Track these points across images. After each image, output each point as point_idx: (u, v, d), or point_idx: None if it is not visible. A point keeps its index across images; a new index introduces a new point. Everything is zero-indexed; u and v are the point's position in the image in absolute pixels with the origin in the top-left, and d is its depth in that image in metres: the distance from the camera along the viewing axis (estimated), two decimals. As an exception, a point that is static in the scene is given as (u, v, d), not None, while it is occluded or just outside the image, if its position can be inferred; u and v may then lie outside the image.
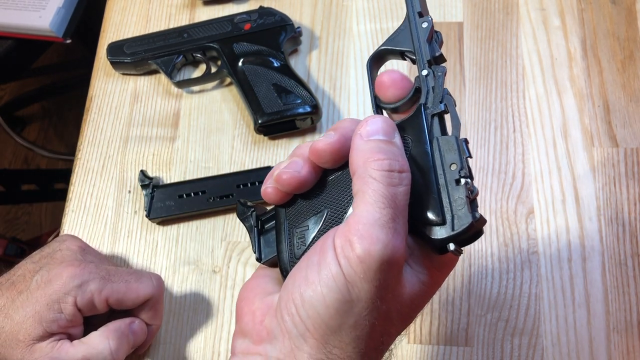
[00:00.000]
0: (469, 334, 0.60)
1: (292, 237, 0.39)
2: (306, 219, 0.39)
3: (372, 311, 0.34)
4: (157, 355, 0.62)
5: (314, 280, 0.34)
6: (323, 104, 0.72)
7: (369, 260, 0.32)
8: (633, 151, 0.66)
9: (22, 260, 0.57)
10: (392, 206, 0.34)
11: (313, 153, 0.38)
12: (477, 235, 0.35)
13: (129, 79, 0.76)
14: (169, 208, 0.66)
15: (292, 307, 0.34)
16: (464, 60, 0.73)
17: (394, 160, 0.35)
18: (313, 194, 0.39)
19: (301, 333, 0.34)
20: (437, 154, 0.36)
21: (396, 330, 0.37)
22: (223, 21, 0.74)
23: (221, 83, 0.74)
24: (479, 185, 0.66)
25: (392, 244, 0.33)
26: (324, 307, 0.33)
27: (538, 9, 0.74)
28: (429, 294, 0.37)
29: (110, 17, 0.79)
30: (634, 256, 0.62)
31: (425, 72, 0.38)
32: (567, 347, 0.59)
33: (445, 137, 0.36)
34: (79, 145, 0.72)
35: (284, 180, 0.38)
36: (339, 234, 0.34)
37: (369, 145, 0.36)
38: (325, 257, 0.34)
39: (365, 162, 0.35)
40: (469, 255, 0.63)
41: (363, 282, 0.33)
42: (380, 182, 0.34)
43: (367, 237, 0.33)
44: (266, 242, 0.42)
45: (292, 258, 0.39)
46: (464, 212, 0.34)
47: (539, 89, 0.70)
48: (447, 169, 0.35)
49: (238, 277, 0.64)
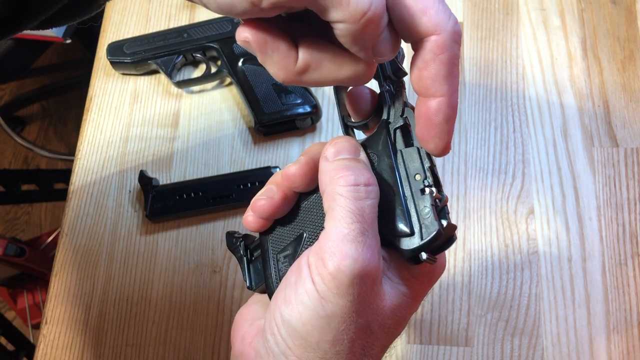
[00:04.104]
0: (469, 334, 0.60)
1: (277, 262, 0.40)
2: (288, 242, 0.40)
3: (350, 325, 0.34)
4: (157, 355, 0.62)
5: (291, 299, 0.34)
6: (323, 104, 0.72)
7: (340, 275, 0.33)
8: (633, 151, 0.66)
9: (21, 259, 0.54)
10: (360, 220, 0.34)
11: (285, 178, 0.39)
12: (449, 242, 0.36)
13: (129, 79, 0.76)
14: (169, 208, 0.66)
15: (274, 327, 0.35)
16: (464, 60, 0.73)
17: (359, 174, 0.35)
18: (292, 219, 0.40)
19: (282, 351, 0.35)
20: (401, 167, 0.37)
21: (381, 343, 0.37)
22: (223, 21, 0.74)
23: (221, 83, 0.74)
24: (479, 185, 0.66)
25: (362, 258, 0.33)
26: (301, 325, 0.34)
27: (538, 9, 0.74)
28: (412, 306, 0.38)
29: (110, 17, 0.79)
30: (634, 256, 0.62)
31: (385, 87, 0.39)
32: (567, 347, 0.59)
33: (408, 149, 0.37)
34: (79, 145, 0.72)
35: (259, 207, 0.40)
36: (312, 253, 0.35)
37: (334, 164, 0.36)
38: (301, 276, 0.35)
39: (332, 180, 0.35)
40: (469, 256, 0.63)
41: (337, 297, 0.33)
42: (346, 198, 0.34)
43: (337, 253, 0.33)
44: (255, 270, 0.43)
45: (277, 281, 0.40)
46: (430, 220, 0.34)
47: (539, 89, 0.70)
48: (412, 180, 0.36)
49: (238, 277, 0.64)
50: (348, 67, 0.33)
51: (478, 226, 0.64)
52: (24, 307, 1.46)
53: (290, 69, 0.33)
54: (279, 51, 0.33)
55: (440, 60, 0.32)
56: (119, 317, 0.64)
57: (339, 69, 0.33)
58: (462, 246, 0.64)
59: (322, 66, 0.33)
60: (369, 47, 0.31)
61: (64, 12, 0.42)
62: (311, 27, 0.34)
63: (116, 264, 0.66)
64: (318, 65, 0.33)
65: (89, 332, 0.63)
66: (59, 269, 0.66)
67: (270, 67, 0.33)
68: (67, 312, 0.64)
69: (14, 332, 1.34)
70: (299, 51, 0.33)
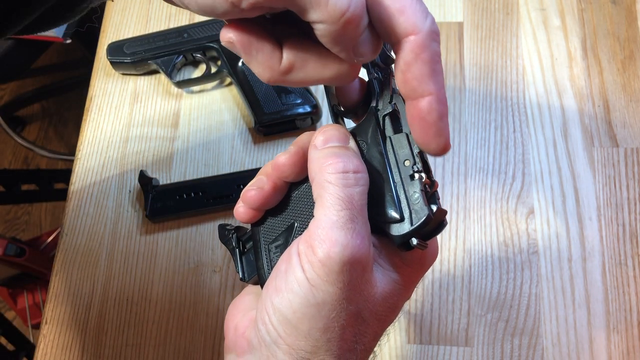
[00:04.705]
0: (469, 334, 0.60)
1: (269, 252, 0.40)
2: (279, 232, 0.40)
3: (340, 313, 0.34)
4: (157, 355, 0.62)
5: (282, 288, 0.34)
6: (323, 104, 0.72)
7: (329, 262, 0.33)
8: (633, 151, 0.66)
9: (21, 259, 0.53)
10: (349, 207, 0.34)
11: (274, 168, 0.39)
12: (440, 227, 0.36)
13: (129, 79, 0.76)
14: (169, 208, 0.66)
15: (265, 316, 0.35)
16: (464, 60, 0.73)
17: (348, 162, 0.35)
18: (283, 209, 0.40)
19: (274, 340, 0.35)
20: (391, 153, 0.37)
21: (373, 331, 0.37)
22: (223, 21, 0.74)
23: (221, 83, 0.74)
24: (479, 185, 0.66)
25: (351, 245, 0.33)
26: (292, 312, 0.34)
27: (538, 9, 0.74)
28: (404, 293, 0.38)
29: (110, 17, 0.79)
30: (634, 256, 0.62)
31: (374, 75, 0.39)
32: (567, 347, 0.59)
33: (396, 135, 0.37)
34: (79, 145, 0.72)
35: (249, 197, 0.40)
36: (302, 241, 0.35)
37: (323, 152, 0.36)
38: (291, 264, 0.35)
39: (321, 168, 0.35)
40: (469, 256, 0.63)
41: (327, 284, 0.33)
42: (335, 185, 0.34)
43: (326, 240, 0.33)
44: (248, 261, 0.43)
45: (269, 272, 0.40)
46: (420, 205, 0.34)
47: (539, 89, 0.70)
48: (401, 166, 0.36)
49: (238, 277, 0.64)
50: (332, 67, 0.34)
51: (478, 226, 0.64)
52: (24, 307, 1.46)
53: (274, 69, 0.34)
54: (263, 51, 0.33)
55: (422, 60, 0.32)
56: (119, 317, 0.64)
57: (324, 69, 0.34)
58: (462, 246, 0.64)
59: (306, 66, 0.34)
60: (350, 47, 0.32)
61: (48, 17, 0.42)
62: (295, 28, 0.34)
63: (116, 264, 0.66)
64: (302, 65, 0.34)
65: (89, 332, 0.63)
66: (59, 268, 0.66)
67: (255, 67, 0.34)
68: (67, 312, 0.64)
69: (14, 332, 1.34)
70: (283, 51, 0.33)
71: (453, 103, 0.70)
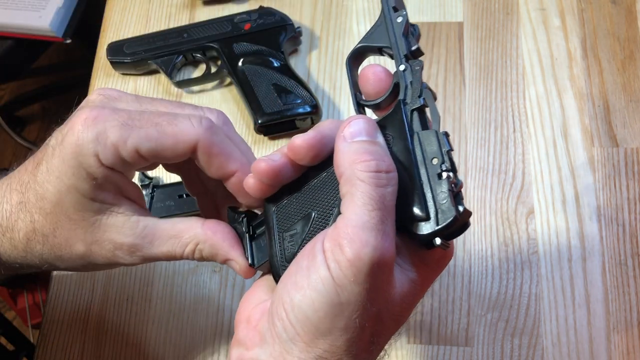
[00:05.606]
0: (469, 334, 0.60)
1: (283, 240, 0.39)
2: (295, 222, 0.39)
3: (363, 314, 0.34)
4: (157, 355, 0.62)
5: (303, 285, 0.34)
6: (323, 104, 0.72)
7: (359, 263, 0.32)
8: (633, 151, 0.66)
9: None
10: (381, 208, 0.34)
11: (290, 149, 0.38)
12: (464, 228, 0.35)
13: (129, 79, 0.76)
14: (169, 208, 0.66)
15: (282, 312, 0.34)
16: (464, 60, 0.73)
17: (380, 160, 0.35)
18: (300, 196, 0.39)
19: (291, 337, 0.34)
20: (418, 150, 0.36)
21: (388, 332, 0.37)
22: (223, 21, 0.74)
23: (221, 83, 0.74)
24: (479, 185, 0.66)
25: (381, 247, 0.33)
26: (313, 311, 0.33)
27: (538, 9, 0.74)
28: (419, 293, 0.37)
29: (110, 17, 0.79)
30: (634, 256, 0.62)
31: (403, 67, 0.38)
32: (567, 347, 0.59)
33: (425, 131, 0.36)
34: (79, 145, 0.72)
35: (260, 168, 0.39)
36: (328, 238, 0.34)
37: (353, 147, 0.36)
38: (315, 261, 0.34)
39: (352, 164, 0.35)
40: (469, 256, 0.63)
41: (353, 285, 0.33)
42: (367, 184, 0.34)
43: (356, 240, 0.33)
44: (258, 247, 0.42)
45: (283, 262, 0.39)
46: (447, 205, 0.34)
47: (539, 89, 0.70)
48: (429, 163, 0.35)
49: (238, 277, 0.64)
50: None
51: (478, 226, 0.64)
52: (24, 307, 1.46)
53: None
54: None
55: (213, 155, 0.41)
56: (119, 317, 0.64)
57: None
58: (462, 246, 0.64)
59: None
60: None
61: None
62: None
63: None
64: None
65: (89, 332, 0.63)
66: (59, 269, 0.66)
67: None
68: (67, 312, 0.64)
69: (14, 332, 1.34)
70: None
71: (453, 103, 0.70)
